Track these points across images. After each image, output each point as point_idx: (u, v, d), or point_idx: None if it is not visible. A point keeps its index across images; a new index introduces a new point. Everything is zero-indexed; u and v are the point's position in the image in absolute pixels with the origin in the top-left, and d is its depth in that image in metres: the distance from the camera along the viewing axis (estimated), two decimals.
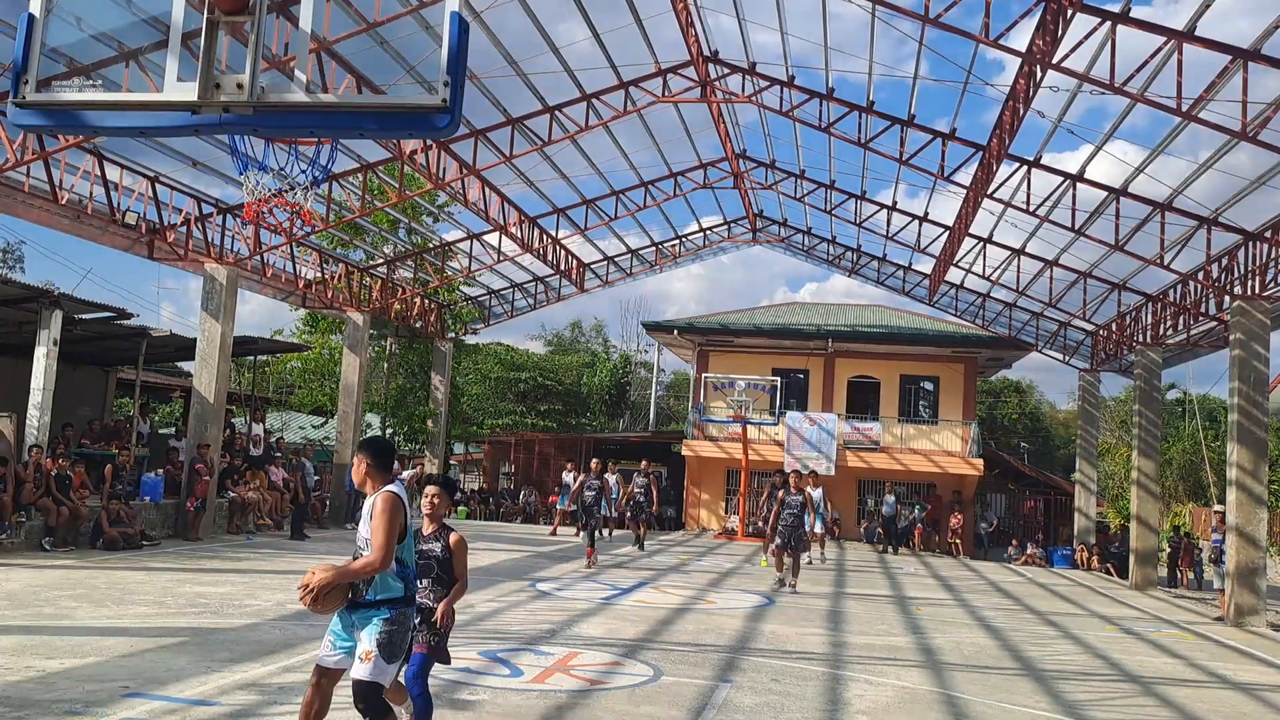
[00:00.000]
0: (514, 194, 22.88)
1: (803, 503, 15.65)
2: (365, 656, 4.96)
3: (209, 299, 19.24)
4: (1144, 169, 15.90)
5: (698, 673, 8.71)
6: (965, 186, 19.02)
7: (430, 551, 5.76)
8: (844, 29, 41.49)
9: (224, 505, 19.42)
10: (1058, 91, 14.12)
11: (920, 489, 30.18)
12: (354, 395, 24.77)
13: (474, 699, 7.22)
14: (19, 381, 16.93)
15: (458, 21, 3.63)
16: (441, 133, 3.75)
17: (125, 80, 12.71)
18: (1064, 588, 20.30)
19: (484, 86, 17.44)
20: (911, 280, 28.70)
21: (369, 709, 5.02)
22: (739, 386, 27.66)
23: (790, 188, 23.89)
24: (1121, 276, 21.61)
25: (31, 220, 16.48)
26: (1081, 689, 9.34)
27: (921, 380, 31.62)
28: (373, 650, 4.97)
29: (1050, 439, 61.03)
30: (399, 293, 26.81)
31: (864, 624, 12.53)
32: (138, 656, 7.99)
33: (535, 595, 13.26)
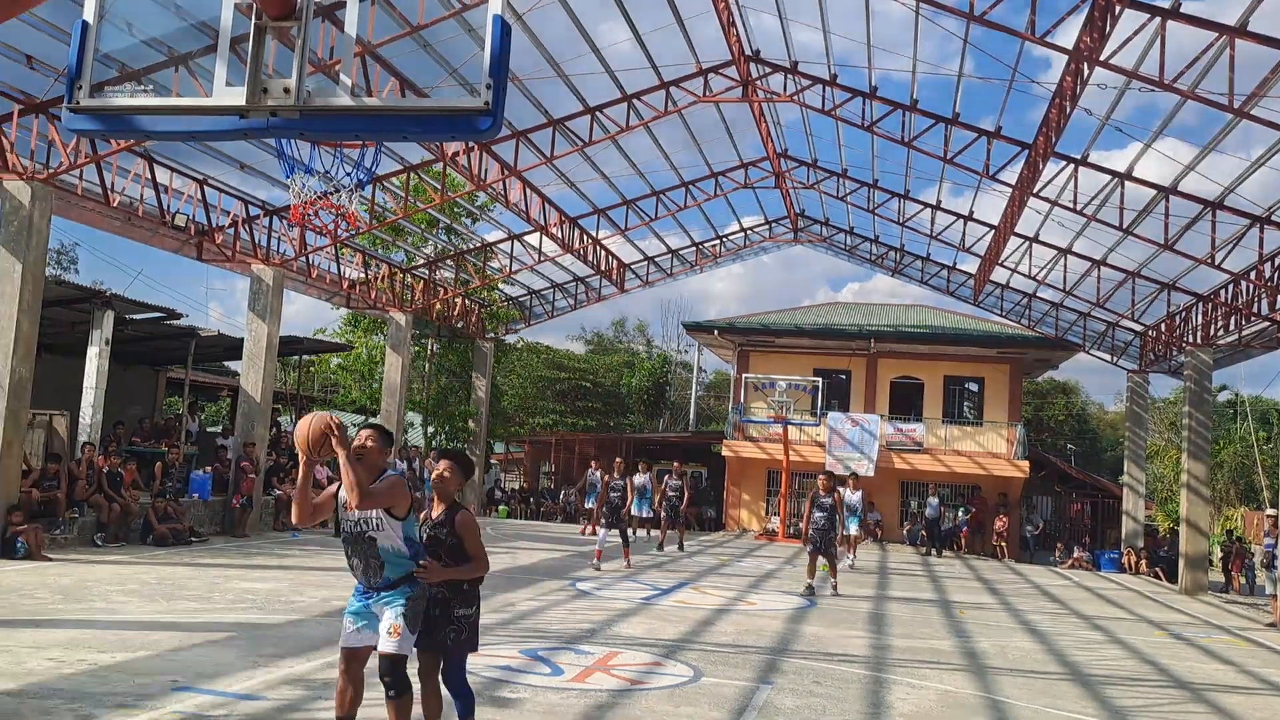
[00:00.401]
0: (555, 194, 22.97)
1: (833, 504, 15.13)
2: (393, 631, 5.11)
3: (256, 299, 19.53)
4: (1194, 167, 15.61)
5: (738, 674, 8.69)
6: (1011, 185, 18.79)
7: (438, 535, 5.49)
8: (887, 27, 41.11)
9: (270, 503, 19.71)
10: (1106, 89, 13.91)
11: (964, 491, 29.85)
12: (397, 395, 25.01)
13: (515, 697, 7.26)
14: (72, 380, 17.29)
15: (500, 24, 3.66)
16: (484, 135, 3.78)
17: (175, 85, 12.91)
18: (1112, 592, 19.98)
19: (525, 88, 17.52)
20: (956, 280, 28.41)
21: (395, 681, 5.15)
22: (780, 387, 27.55)
23: (832, 187, 23.75)
24: (1171, 276, 21.23)
25: (85, 222, 16.84)
26: (1129, 694, 9.19)
27: (966, 381, 31.28)
28: (399, 625, 5.12)
29: (1098, 441, 60.15)
30: (441, 293, 27.02)
31: (907, 627, 12.43)
32: (186, 651, 8.13)
33: (575, 594, 13.31)
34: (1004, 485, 29.02)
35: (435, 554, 5.41)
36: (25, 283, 13.92)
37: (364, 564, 5.23)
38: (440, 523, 5.50)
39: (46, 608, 9.75)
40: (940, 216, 23.14)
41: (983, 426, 29.96)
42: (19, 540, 13.31)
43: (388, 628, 5.12)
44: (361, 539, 5.22)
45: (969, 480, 29.45)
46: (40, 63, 13.65)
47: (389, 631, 5.12)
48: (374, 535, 5.18)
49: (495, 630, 9.98)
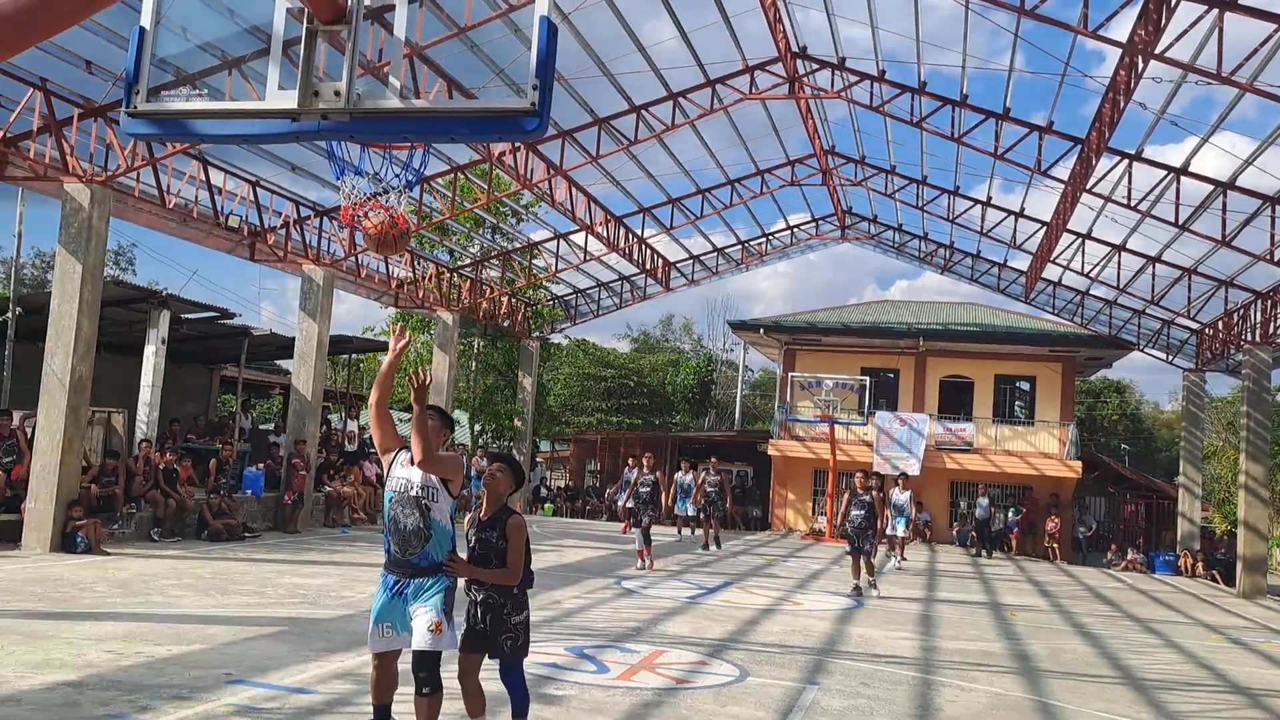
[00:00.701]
0: (600, 193, 23.04)
1: (869, 503, 14.71)
2: (435, 628, 4.97)
3: (307, 299, 19.81)
4: (1253, 161, 15.26)
5: (784, 674, 8.65)
6: (1063, 181, 18.51)
7: (488, 539, 5.42)
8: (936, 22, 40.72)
9: (321, 499, 19.98)
10: (1161, 82, 13.65)
11: (1015, 491, 29.46)
12: (444, 393, 25.23)
13: (561, 694, 7.30)
14: (129, 379, 17.67)
15: (546, 25, 3.67)
16: (530, 135, 3.80)
17: (228, 88, 13.10)
18: (1167, 595, 19.61)
19: (571, 87, 17.58)
20: (1007, 277, 28.04)
21: (430, 678, 5.05)
22: (827, 386, 27.37)
23: (880, 184, 23.55)
24: (1229, 273, 20.79)
25: (141, 224, 17.19)
26: (1185, 700, 9.01)
27: (1017, 380, 30.86)
28: (440, 620, 4.99)
29: (1152, 441, 59.07)
30: (487, 292, 27.21)
31: (956, 628, 12.29)
32: (240, 644, 8.27)
33: (621, 593, 13.33)
34: (1056, 486, 28.59)
35: (486, 557, 5.38)
36: (85, 283, 14.24)
37: (408, 533, 5.08)
38: (490, 524, 5.44)
39: (105, 601, 9.97)
40: (991, 213, 22.86)
41: (1034, 426, 29.55)
42: (79, 535, 13.64)
43: (428, 624, 4.97)
44: (416, 504, 5.10)
45: (1020, 480, 29.06)
46: (99, 67, 13.96)
47: (430, 628, 4.97)
48: (429, 504, 5.09)
49: (541, 628, 10.03)
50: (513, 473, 5.56)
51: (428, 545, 5.09)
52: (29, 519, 13.80)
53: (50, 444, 13.92)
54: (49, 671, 6.94)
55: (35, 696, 6.31)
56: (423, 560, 5.10)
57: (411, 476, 5.13)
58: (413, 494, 5.12)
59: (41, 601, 9.76)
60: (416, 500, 5.10)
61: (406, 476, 5.14)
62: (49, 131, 14.09)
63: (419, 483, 5.13)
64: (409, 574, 5.12)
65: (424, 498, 5.10)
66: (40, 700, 6.24)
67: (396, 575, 5.16)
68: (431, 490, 5.11)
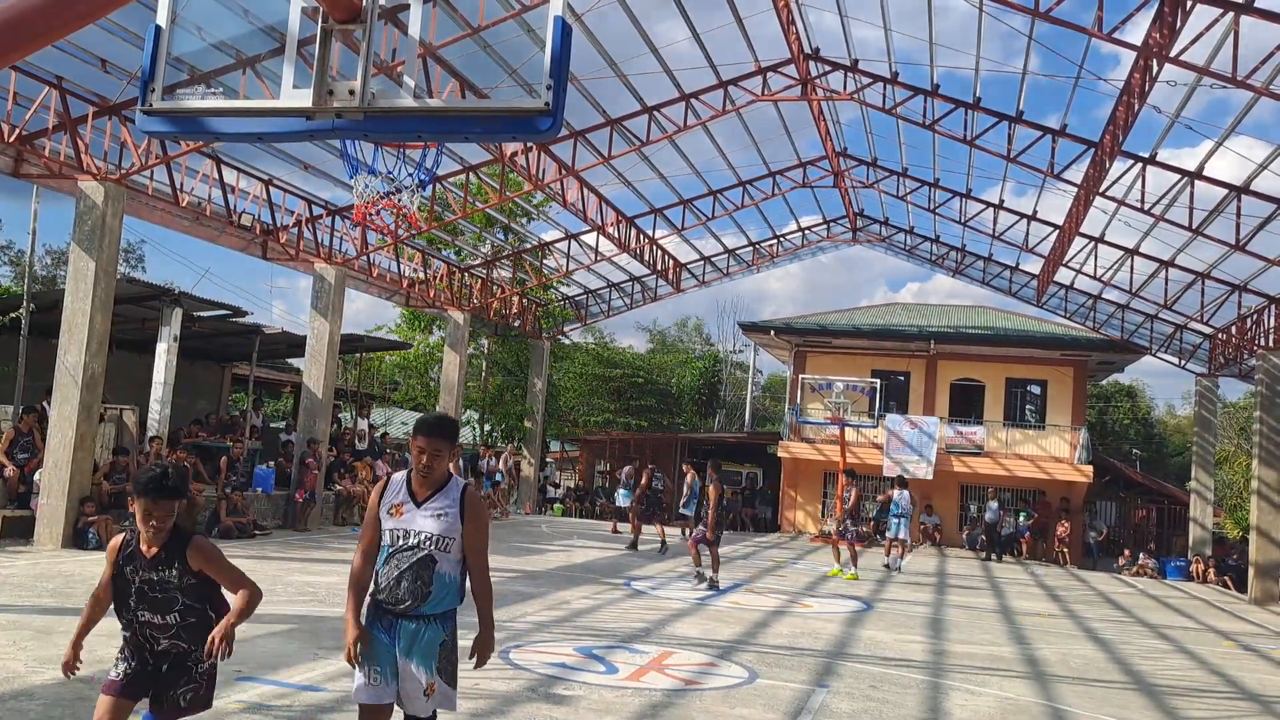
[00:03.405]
0: (612, 194, 23.05)
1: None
2: (429, 690, 4.18)
3: (318, 298, 19.86)
4: (1268, 165, 15.19)
5: (794, 676, 8.64)
6: (1076, 184, 18.44)
7: (164, 578, 4.29)
8: (950, 24, 40.69)
9: (331, 498, 20.03)
10: (1175, 86, 13.60)
11: (1026, 495, 29.35)
12: (454, 392, 25.27)
13: (570, 694, 7.30)
14: (141, 376, 17.73)
15: (561, 26, 3.67)
16: (544, 135, 3.79)
17: (242, 87, 13.23)
18: (1178, 600, 19.52)
19: (583, 88, 17.59)
20: (1019, 281, 27.95)
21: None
22: (837, 388, 27.29)
23: (892, 186, 23.51)
24: (1242, 278, 20.69)
25: (154, 221, 17.27)
26: (1196, 706, 8.97)
27: (1028, 383, 30.74)
28: (435, 682, 4.20)
29: (1164, 446, 58.80)
30: (498, 292, 27.24)
31: (966, 632, 12.26)
32: (250, 642, 8.29)
33: (630, 593, 13.33)
34: (1066, 490, 28.48)
35: (166, 599, 4.24)
36: (98, 280, 14.31)
37: (408, 583, 4.19)
38: (160, 561, 4.25)
39: None
40: (1003, 216, 22.80)
41: (1045, 430, 29.43)
42: (91, 531, 13.70)
43: (424, 686, 4.17)
44: (415, 556, 4.21)
45: (1030, 484, 28.95)
46: (114, 66, 14.04)
47: (426, 691, 4.17)
48: (437, 556, 4.22)
49: (550, 628, 10.04)
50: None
51: (430, 601, 4.22)
52: (41, 515, 13.87)
53: (63, 440, 13.98)
54: (59, 668, 6.96)
55: (47, 691, 6.34)
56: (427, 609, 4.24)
57: (413, 527, 4.24)
58: (412, 545, 4.23)
59: (53, 597, 9.81)
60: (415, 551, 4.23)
61: (408, 528, 4.24)
62: (64, 129, 14.16)
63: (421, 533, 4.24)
64: (405, 616, 4.24)
65: (433, 549, 4.23)
66: (52, 695, 6.27)
67: (389, 612, 4.27)
68: (443, 540, 4.23)
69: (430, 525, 4.22)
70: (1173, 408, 65.66)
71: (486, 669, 4.56)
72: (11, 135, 14.07)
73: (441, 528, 4.21)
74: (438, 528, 4.21)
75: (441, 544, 4.20)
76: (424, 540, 4.20)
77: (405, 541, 4.21)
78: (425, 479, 4.27)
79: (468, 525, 4.25)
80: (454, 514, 4.24)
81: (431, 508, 4.25)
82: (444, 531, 4.21)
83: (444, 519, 4.23)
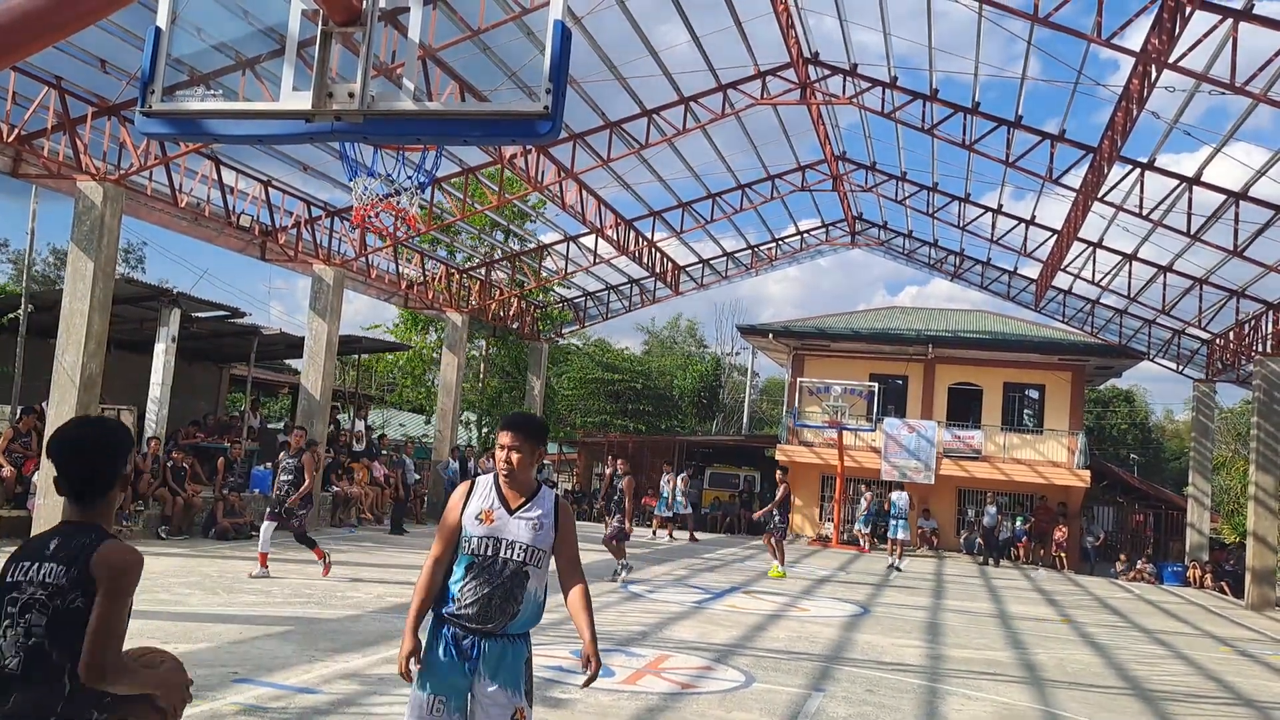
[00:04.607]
0: (610, 197, 23.06)
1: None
2: (519, 716, 3.80)
3: (317, 299, 19.86)
4: (1266, 171, 15.22)
5: (790, 680, 8.63)
6: (1075, 189, 18.47)
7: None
8: (949, 29, 40.77)
9: (328, 499, 20.01)
10: (1174, 92, 13.62)
11: (1023, 500, 29.37)
12: (452, 394, 25.26)
13: (566, 697, 7.29)
14: (139, 376, 17.73)
15: (560, 29, 3.67)
16: (543, 139, 3.79)
17: (241, 88, 13.23)
18: (1175, 606, 19.52)
19: (583, 90, 17.60)
20: (1017, 285, 27.98)
21: None
22: (835, 392, 27.33)
23: (891, 190, 23.53)
24: (1240, 283, 20.72)
25: (153, 222, 17.27)
26: (1192, 712, 8.97)
27: (1026, 388, 30.76)
28: (523, 706, 3.81)
29: (1161, 451, 58.86)
30: (497, 294, 27.25)
31: (963, 637, 12.26)
32: (246, 643, 8.29)
33: (627, 596, 13.33)
34: (1064, 495, 28.49)
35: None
36: (97, 280, 14.30)
37: (499, 599, 3.82)
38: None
39: None
40: (1001, 220, 22.82)
41: (1043, 435, 29.45)
42: None
43: (510, 711, 3.77)
44: (506, 570, 3.84)
45: (1028, 489, 28.96)
46: (113, 66, 14.04)
47: (514, 717, 3.79)
48: (530, 570, 3.88)
49: (547, 630, 10.03)
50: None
51: (516, 620, 3.88)
52: (39, 515, 13.85)
53: None
54: None
55: None
56: (500, 631, 3.86)
57: (505, 536, 3.88)
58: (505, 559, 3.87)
59: None
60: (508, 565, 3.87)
61: (499, 536, 3.88)
62: (63, 130, 14.16)
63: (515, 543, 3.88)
64: (486, 634, 3.84)
65: (528, 562, 3.88)
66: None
67: (465, 630, 3.85)
68: (536, 553, 3.89)
69: (526, 535, 3.87)
70: (1171, 413, 65.81)
71: None
72: (10, 135, 14.07)
73: (536, 538, 3.88)
74: (532, 538, 3.87)
75: (535, 557, 3.87)
76: (519, 551, 3.85)
77: (497, 552, 3.85)
78: (512, 482, 3.94)
79: (561, 535, 3.95)
80: (549, 524, 3.93)
81: (526, 516, 3.91)
82: (539, 543, 3.88)
83: (540, 530, 3.90)
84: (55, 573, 2.74)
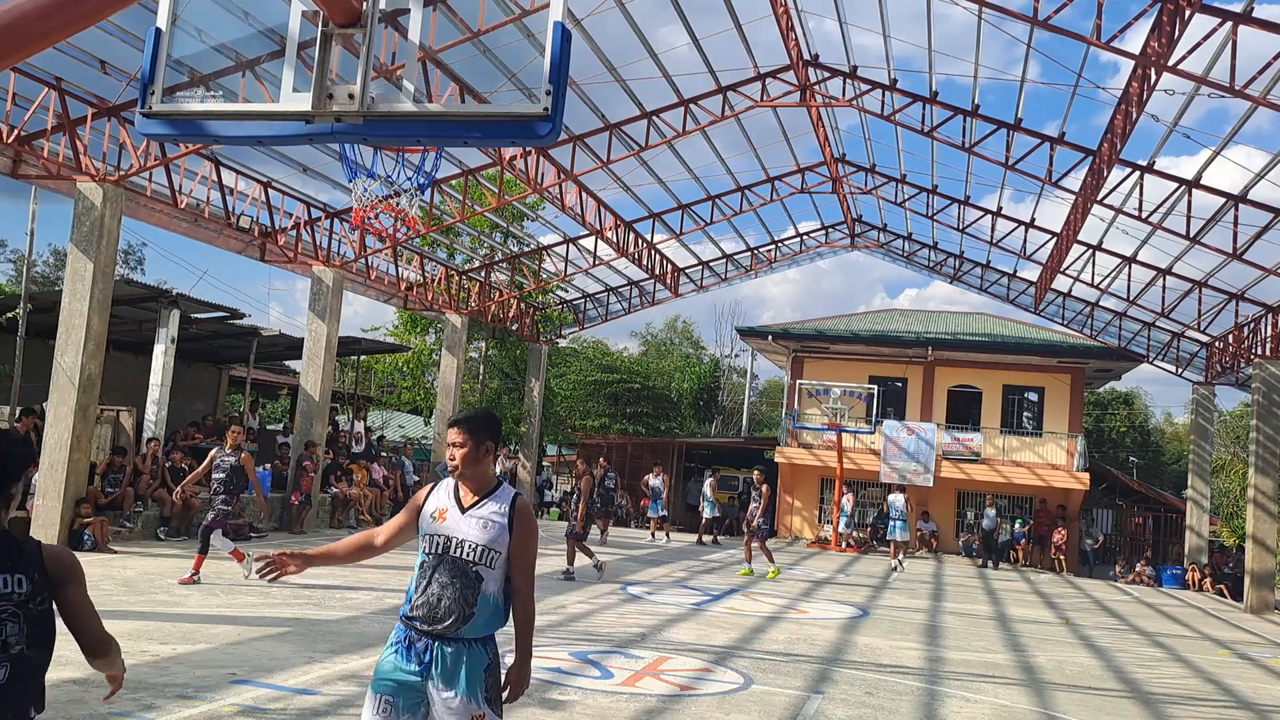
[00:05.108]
0: (610, 198, 23.07)
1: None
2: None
3: (316, 300, 19.86)
4: (1265, 174, 15.23)
5: (789, 682, 8.63)
6: (1074, 192, 18.48)
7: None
8: (949, 31, 40.73)
9: (327, 500, 20.00)
10: (1173, 95, 13.63)
11: (1022, 502, 29.38)
12: (452, 395, 25.25)
13: (564, 699, 7.29)
14: (138, 377, 17.71)
15: (560, 31, 3.67)
16: (543, 140, 3.79)
17: (241, 90, 13.23)
18: (1174, 608, 19.52)
19: (583, 92, 17.61)
20: (1016, 288, 27.99)
21: None
22: (834, 394, 27.33)
23: (890, 192, 23.54)
24: (1240, 286, 20.74)
25: (153, 223, 17.25)
26: (1191, 714, 8.97)
27: (1026, 391, 30.78)
28: (485, 712, 3.67)
29: (1161, 454, 58.86)
30: (496, 295, 27.25)
31: (962, 639, 12.26)
32: (245, 644, 8.28)
33: (626, 598, 13.32)
34: (1063, 497, 28.51)
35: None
36: (96, 281, 14.29)
37: (449, 600, 3.70)
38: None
39: (111, 599, 9.99)
40: (1001, 223, 22.84)
41: (1042, 437, 29.46)
42: (86, 532, 13.68)
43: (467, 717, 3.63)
44: (460, 568, 3.73)
45: (1027, 491, 28.97)
46: (113, 67, 14.04)
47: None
48: (482, 571, 3.74)
49: (546, 632, 10.03)
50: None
51: (472, 623, 3.72)
52: (37, 516, 13.84)
53: (59, 441, 13.96)
54: (55, 669, 6.89)
55: None
56: (455, 635, 3.72)
57: (456, 534, 3.77)
58: (456, 557, 3.76)
59: None
60: (462, 564, 3.74)
61: (449, 534, 3.78)
62: (63, 130, 14.16)
63: (466, 543, 3.76)
64: (440, 638, 3.72)
65: (478, 563, 3.74)
66: (47, 697, 6.24)
67: (421, 634, 3.74)
68: (489, 554, 3.75)
69: (475, 534, 3.74)
70: (1170, 416, 65.81)
71: None
72: (10, 136, 14.07)
73: (487, 538, 3.73)
74: (483, 537, 3.73)
75: (488, 557, 3.72)
76: (469, 550, 3.73)
77: (447, 551, 3.74)
78: (466, 480, 3.83)
79: (515, 540, 3.76)
80: (502, 524, 3.76)
81: (477, 515, 3.77)
82: (489, 543, 3.73)
83: (490, 528, 3.75)
84: (14, 582, 2.83)
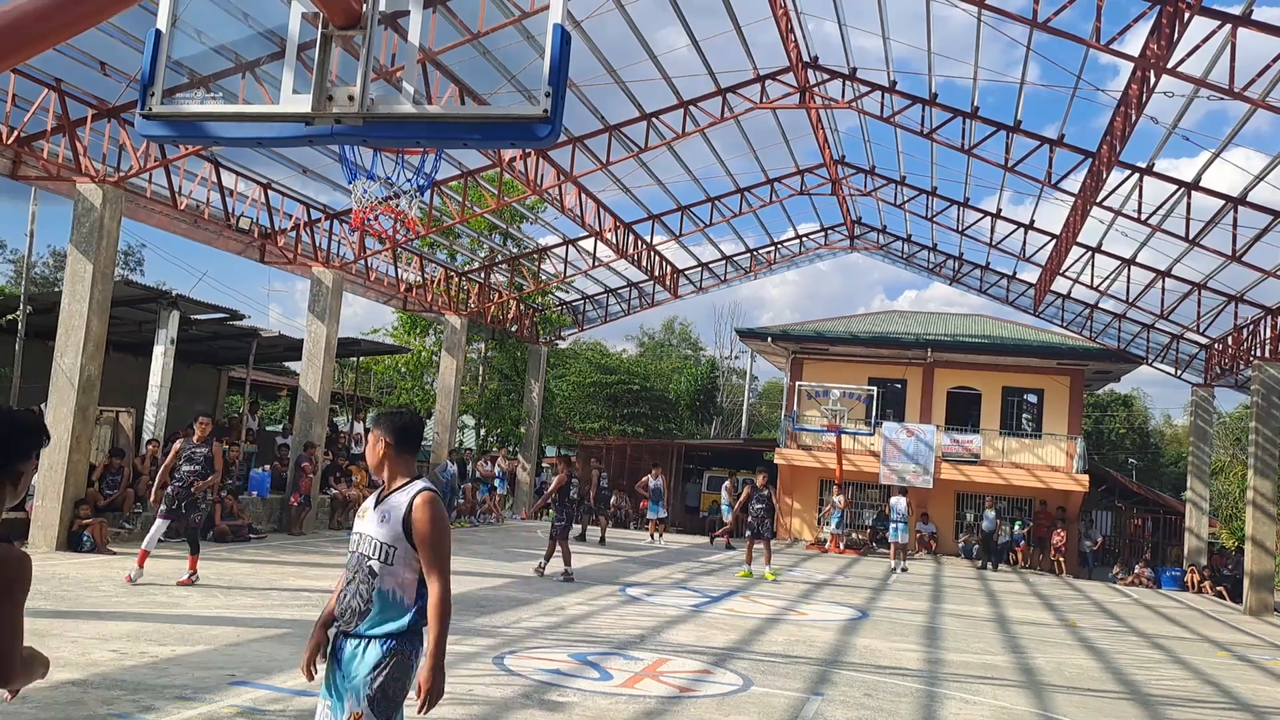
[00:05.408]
0: (610, 200, 23.08)
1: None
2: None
3: (315, 301, 19.86)
4: (1265, 176, 15.24)
5: (788, 684, 8.63)
6: (1073, 194, 18.49)
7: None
8: (949, 33, 40.71)
9: (326, 501, 19.99)
10: (1173, 97, 13.65)
11: (1021, 504, 29.37)
12: (451, 396, 25.25)
13: (564, 701, 7.29)
14: (138, 379, 17.71)
15: (560, 33, 3.67)
16: (543, 142, 3.79)
17: (241, 91, 13.24)
18: (1173, 610, 19.52)
19: (582, 94, 17.62)
20: (1016, 289, 28.00)
21: None
22: (834, 395, 27.33)
23: (890, 194, 23.56)
24: (1239, 288, 20.75)
25: (152, 224, 17.26)
26: (1190, 716, 8.97)
27: (1025, 392, 30.79)
28: (362, 712, 3.56)
29: (1160, 455, 58.84)
30: (495, 297, 27.25)
31: (961, 641, 12.25)
32: (244, 646, 8.28)
33: (625, 600, 13.32)
34: (1062, 499, 28.51)
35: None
36: (95, 283, 14.29)
37: (350, 596, 3.74)
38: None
39: (110, 600, 9.99)
40: (1000, 225, 22.85)
41: (1041, 439, 29.46)
42: (85, 533, 13.67)
43: (347, 715, 3.60)
44: (361, 564, 3.72)
45: (1026, 493, 28.97)
46: (113, 68, 14.04)
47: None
48: (376, 566, 3.68)
49: (545, 634, 10.03)
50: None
51: (368, 620, 3.67)
52: (36, 517, 13.84)
53: (58, 442, 13.95)
54: (53, 670, 6.93)
55: (40, 695, 6.32)
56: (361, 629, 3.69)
57: (363, 529, 3.78)
58: (358, 553, 3.76)
59: (47, 600, 9.78)
60: (361, 560, 3.73)
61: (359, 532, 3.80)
62: (63, 132, 14.16)
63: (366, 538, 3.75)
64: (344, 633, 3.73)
65: (371, 557, 3.70)
66: (45, 698, 6.25)
67: (340, 631, 3.77)
68: (383, 549, 3.69)
69: (374, 529, 3.71)
70: (1169, 417, 65.79)
71: (479, 675, 4.39)
72: (10, 137, 14.07)
73: (384, 532, 3.67)
74: (381, 532, 3.68)
75: (380, 551, 3.66)
76: (367, 545, 3.71)
77: (358, 548, 3.75)
78: (383, 478, 3.84)
79: (416, 534, 3.64)
80: (396, 518, 3.67)
81: (382, 509, 3.74)
82: (385, 538, 3.67)
83: (387, 522, 3.68)
84: None
